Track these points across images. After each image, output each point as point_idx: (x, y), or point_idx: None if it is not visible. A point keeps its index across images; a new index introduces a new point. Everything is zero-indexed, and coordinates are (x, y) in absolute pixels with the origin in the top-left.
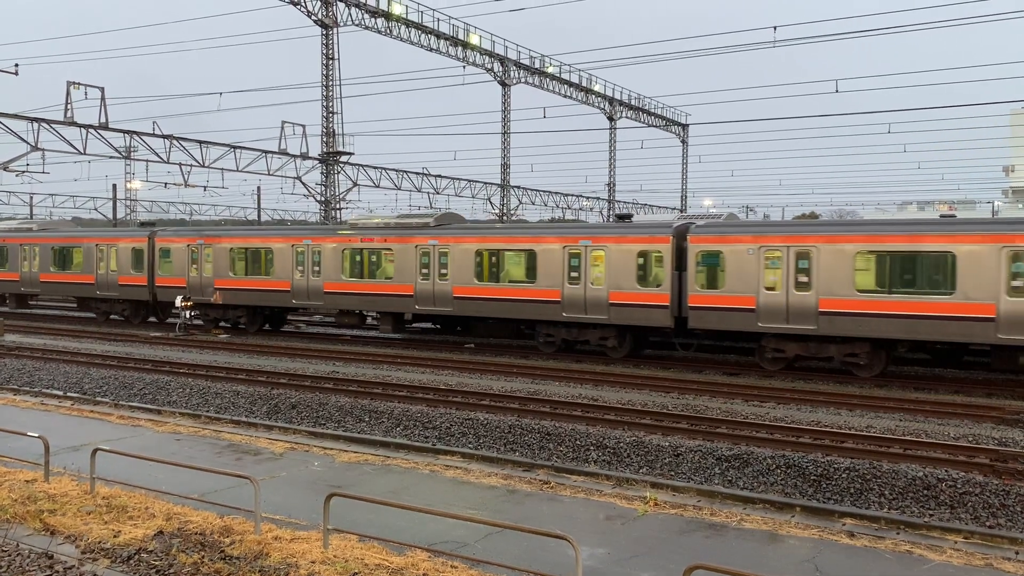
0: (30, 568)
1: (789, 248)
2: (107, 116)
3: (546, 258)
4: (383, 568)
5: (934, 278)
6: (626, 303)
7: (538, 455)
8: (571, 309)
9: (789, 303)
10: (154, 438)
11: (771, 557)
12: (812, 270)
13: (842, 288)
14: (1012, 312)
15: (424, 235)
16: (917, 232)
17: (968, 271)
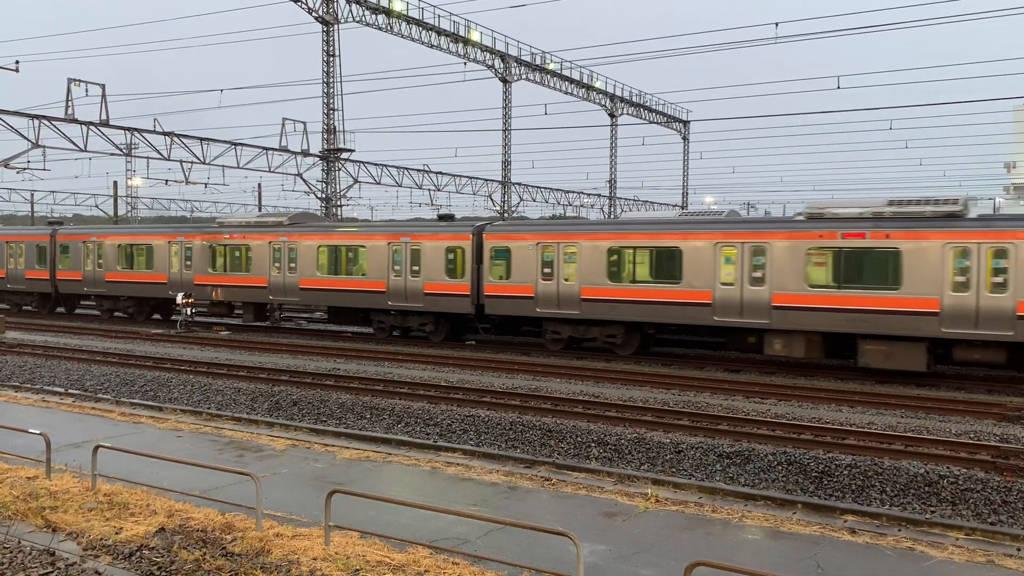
0: (32, 565)
1: (559, 245)
2: (108, 113)
3: (375, 253)
4: (384, 565)
5: (669, 270)
6: (438, 293)
7: (539, 452)
8: (395, 298)
9: (559, 291)
10: (155, 435)
11: (773, 554)
12: (577, 263)
13: (598, 278)
14: (724, 299)
15: (277, 232)
16: (655, 231)
17: (691, 264)
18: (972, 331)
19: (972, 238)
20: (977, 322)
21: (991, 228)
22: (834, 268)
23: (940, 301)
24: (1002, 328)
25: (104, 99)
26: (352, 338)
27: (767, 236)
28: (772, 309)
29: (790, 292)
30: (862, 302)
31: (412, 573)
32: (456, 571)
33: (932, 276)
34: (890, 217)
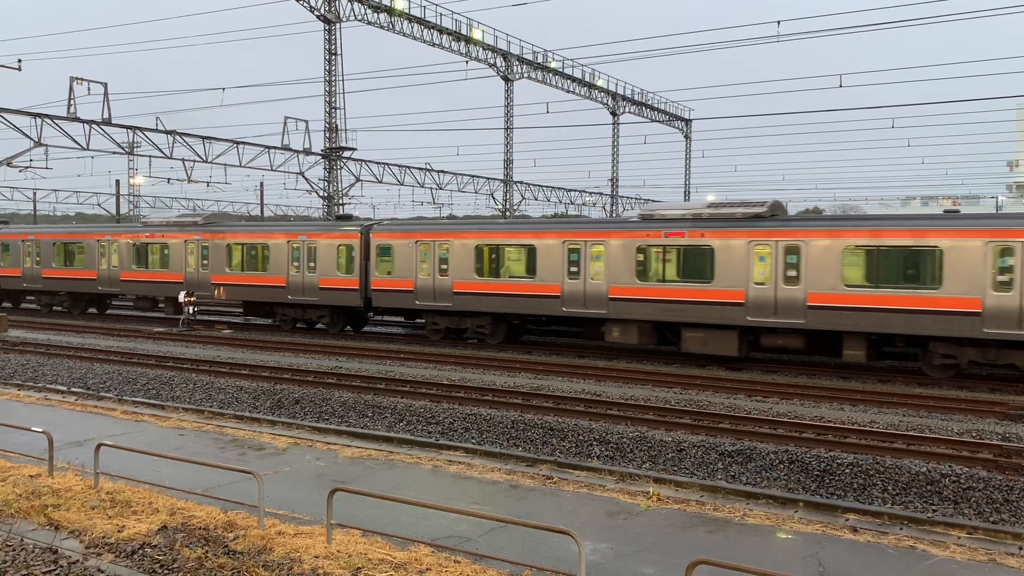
0: (35, 563)
1: (435, 243)
2: (110, 112)
3: (277, 251)
4: (386, 563)
5: (527, 265)
6: (332, 287)
7: (541, 450)
8: (295, 292)
9: (435, 285)
10: (158, 433)
11: (774, 552)
12: (449, 260)
13: (468, 274)
14: (570, 292)
15: (192, 232)
16: (514, 230)
17: (544, 260)
18: (772, 319)
19: (770, 237)
20: (776, 311)
21: (786, 228)
22: (661, 264)
23: (745, 293)
24: (796, 317)
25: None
26: (354, 336)
27: (605, 235)
28: (609, 300)
29: (623, 285)
30: (683, 294)
31: (414, 571)
32: (458, 569)
33: (739, 271)
34: (707, 218)
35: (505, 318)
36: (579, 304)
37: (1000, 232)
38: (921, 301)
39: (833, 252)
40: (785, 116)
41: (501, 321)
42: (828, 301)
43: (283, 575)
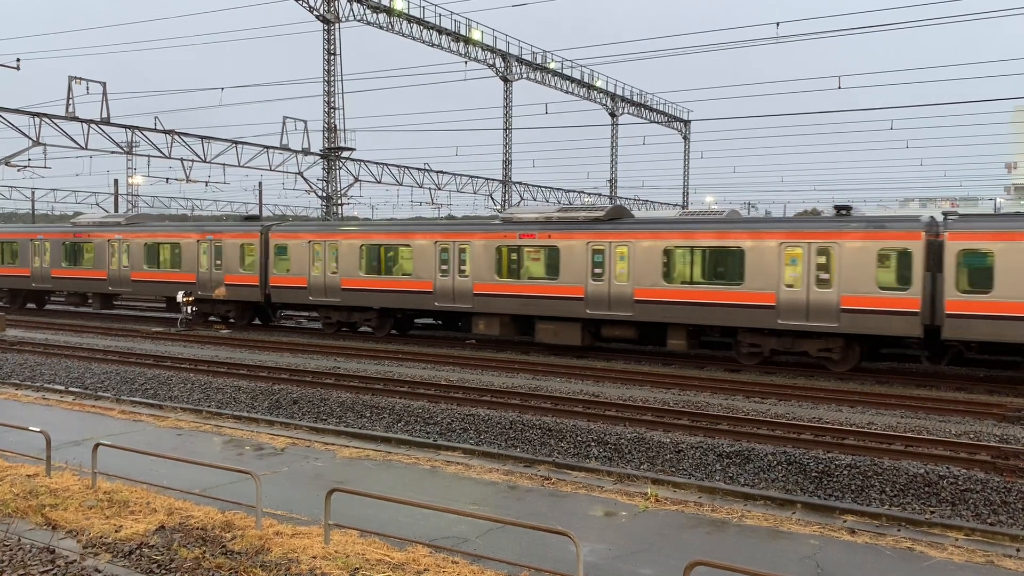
0: (32, 563)
1: (325, 243)
2: (109, 111)
3: (187, 250)
4: (384, 563)
5: (404, 264)
6: (236, 284)
7: (539, 451)
8: (204, 288)
9: (326, 282)
10: (156, 433)
11: (772, 553)
12: (339, 259)
13: (354, 271)
14: (441, 288)
15: (115, 231)
16: (391, 231)
17: (419, 259)
18: (607, 313)
19: (604, 238)
20: (609, 306)
21: (618, 231)
22: (516, 262)
23: (584, 289)
24: (626, 310)
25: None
26: (353, 336)
27: (470, 236)
28: (474, 296)
29: (486, 282)
30: (535, 290)
31: (411, 572)
32: (455, 570)
33: (580, 269)
34: (556, 221)
35: (389, 312)
36: (449, 299)
37: (791, 234)
38: (730, 296)
39: (656, 251)
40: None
41: (386, 315)
42: (652, 296)
43: (281, 575)
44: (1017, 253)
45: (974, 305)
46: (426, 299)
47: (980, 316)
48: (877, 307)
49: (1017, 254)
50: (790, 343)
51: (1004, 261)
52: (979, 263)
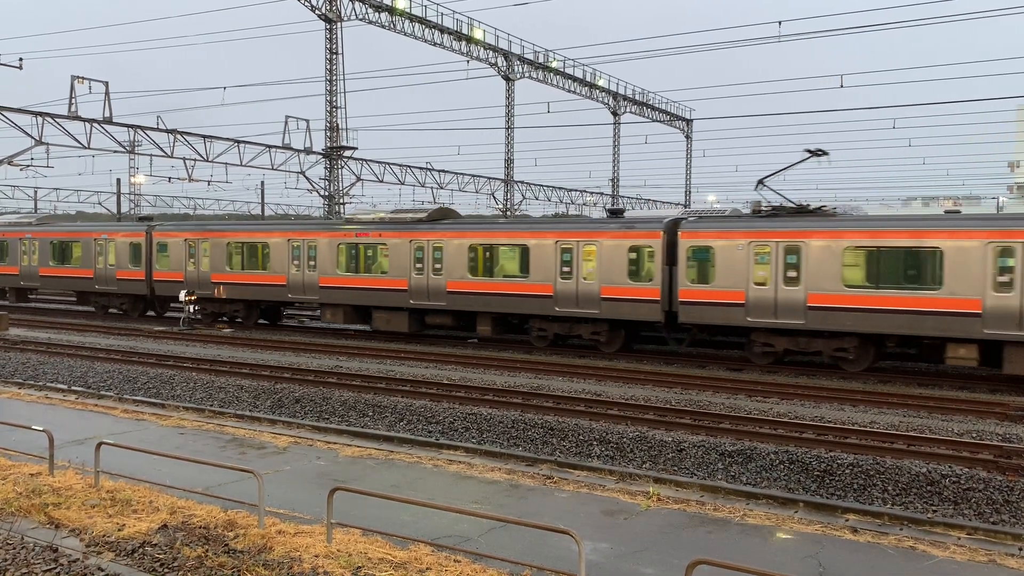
0: (35, 561)
1: (199, 241)
2: (111, 110)
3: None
4: (386, 562)
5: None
6: (127, 279)
7: (541, 450)
8: (100, 283)
9: (199, 277)
10: (158, 432)
11: (774, 552)
12: (209, 255)
13: (221, 266)
14: (293, 281)
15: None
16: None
17: (275, 256)
18: (426, 303)
19: (423, 237)
20: (428, 296)
21: (433, 231)
22: (354, 258)
23: (408, 282)
24: (441, 300)
25: (107, 96)
26: (354, 336)
27: (315, 235)
28: (320, 288)
29: (330, 276)
30: (370, 283)
31: (414, 571)
32: (458, 569)
33: (404, 264)
34: (388, 221)
35: (256, 304)
36: (300, 292)
37: (564, 234)
38: (520, 287)
39: (463, 248)
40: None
41: (252, 307)
42: (462, 287)
43: (283, 574)
44: (731, 250)
45: (700, 293)
46: (282, 292)
47: (704, 303)
48: (629, 296)
49: (731, 250)
50: (568, 328)
51: (721, 256)
52: (703, 258)
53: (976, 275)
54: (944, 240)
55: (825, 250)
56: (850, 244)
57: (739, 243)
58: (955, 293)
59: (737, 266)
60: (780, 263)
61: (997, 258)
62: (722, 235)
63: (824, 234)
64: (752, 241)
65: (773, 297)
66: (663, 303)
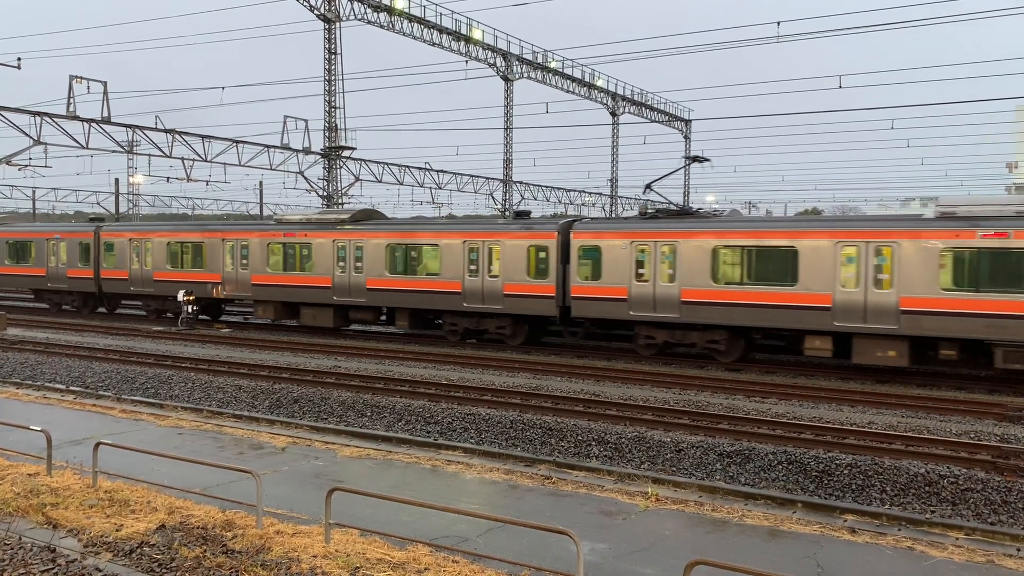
0: (32, 562)
1: (143, 241)
2: (109, 110)
3: (38, 247)
4: (384, 562)
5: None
6: (77, 276)
7: (540, 450)
8: (53, 281)
9: (142, 275)
10: (156, 432)
11: (772, 553)
12: (152, 254)
13: (163, 264)
14: (227, 278)
15: None
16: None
17: (209, 254)
18: (348, 299)
19: (345, 236)
20: (351, 292)
21: (355, 231)
22: (283, 257)
23: (332, 279)
24: (362, 296)
25: (106, 96)
26: (353, 336)
27: (248, 235)
28: (252, 286)
29: (261, 274)
30: (298, 280)
31: (412, 571)
32: (456, 569)
33: (327, 262)
34: (314, 222)
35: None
36: (234, 288)
37: (471, 235)
38: (435, 284)
39: (381, 247)
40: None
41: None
42: (380, 284)
43: (281, 574)
44: (616, 249)
45: (589, 289)
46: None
47: (593, 298)
48: (529, 292)
49: (616, 250)
50: (476, 322)
51: (608, 255)
52: (593, 257)
53: (826, 272)
54: (800, 240)
55: (697, 249)
56: (718, 244)
57: (623, 243)
58: (809, 289)
59: (621, 264)
60: (658, 262)
61: (843, 257)
62: (608, 235)
63: (696, 235)
64: (634, 241)
65: (652, 293)
66: (558, 299)
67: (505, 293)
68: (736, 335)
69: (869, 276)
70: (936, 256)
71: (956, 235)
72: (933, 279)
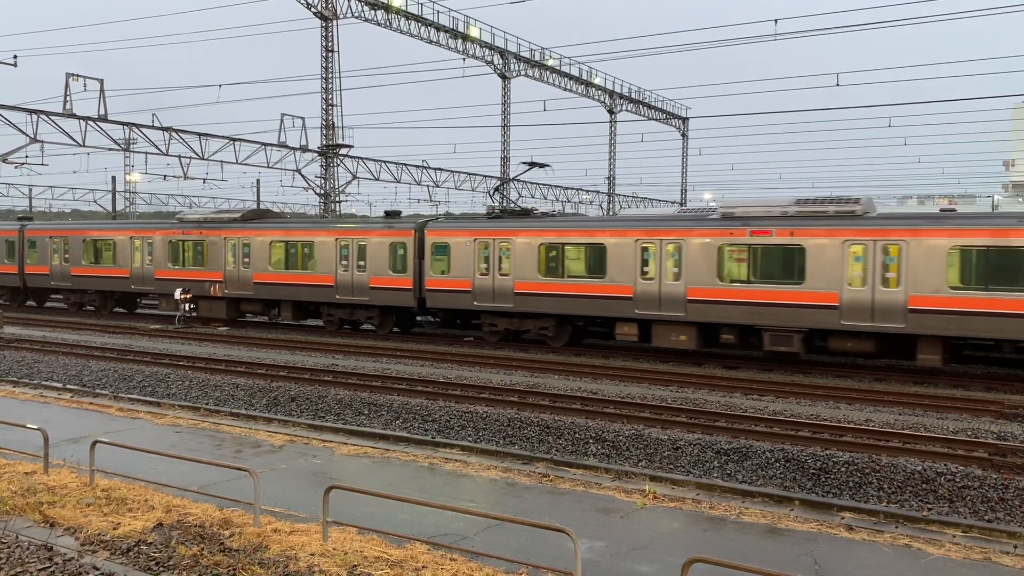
0: (29, 560)
1: (61, 239)
2: (106, 108)
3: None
4: (382, 560)
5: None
6: (3, 272)
7: (537, 448)
8: None
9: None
10: (153, 430)
11: (770, 550)
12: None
13: (79, 260)
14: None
15: None
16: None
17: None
18: (239, 292)
19: (236, 234)
20: (240, 286)
21: (243, 229)
22: (181, 253)
23: (223, 274)
24: (248, 290)
25: (102, 94)
26: (351, 334)
27: (152, 233)
28: (156, 280)
29: (163, 269)
30: (194, 275)
31: (410, 569)
32: (454, 567)
33: (219, 258)
34: (210, 220)
35: (108, 294)
36: (140, 283)
37: (343, 232)
38: (309, 278)
39: (265, 245)
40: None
41: (106, 297)
42: (265, 279)
43: (279, 573)
44: (462, 246)
45: (441, 282)
46: (126, 283)
47: (444, 290)
48: (391, 285)
49: (462, 246)
50: (348, 313)
51: (456, 251)
52: (443, 253)
53: (628, 266)
54: (607, 238)
55: (526, 246)
56: (543, 241)
57: (467, 240)
58: (615, 281)
59: (466, 260)
60: (496, 257)
61: (642, 253)
62: (456, 233)
63: (527, 233)
64: (476, 239)
65: (492, 285)
66: (415, 291)
67: (371, 286)
68: (562, 323)
69: (667, 270)
70: (716, 251)
71: (731, 233)
72: (713, 272)
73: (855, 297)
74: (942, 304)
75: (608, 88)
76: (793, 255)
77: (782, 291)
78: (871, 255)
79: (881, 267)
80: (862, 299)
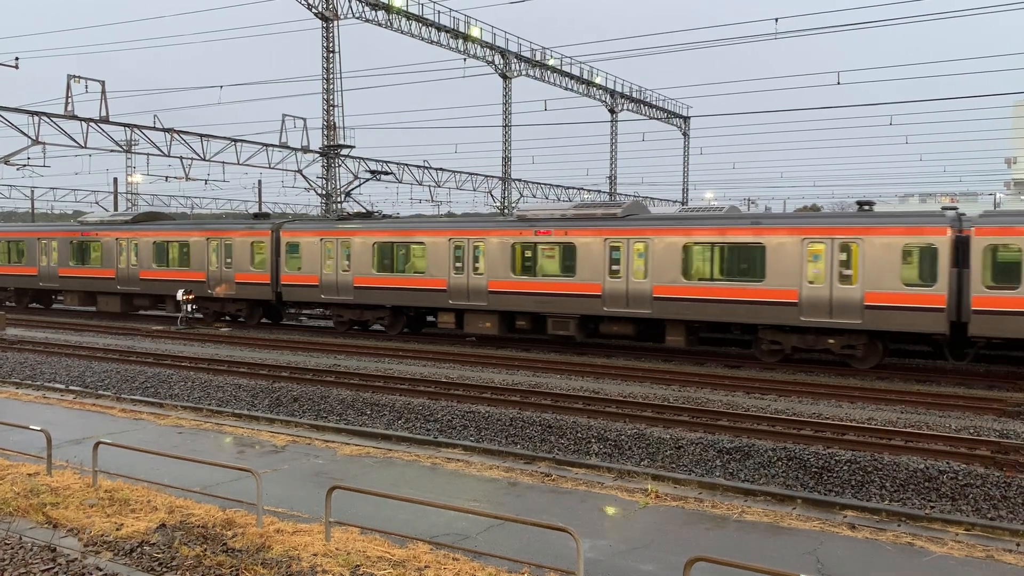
0: (33, 561)
1: (38, 240)
2: (108, 110)
3: None
4: (385, 560)
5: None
6: None
7: (539, 448)
8: None
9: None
10: (156, 431)
11: (772, 549)
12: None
13: (64, 263)
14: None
15: None
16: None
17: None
18: (129, 287)
19: (126, 235)
20: (129, 282)
21: (132, 230)
22: (80, 253)
23: (116, 271)
24: (136, 285)
25: (104, 95)
26: (353, 335)
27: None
28: (59, 277)
29: (65, 268)
30: (91, 273)
31: (412, 569)
32: (456, 567)
33: (113, 257)
34: (105, 222)
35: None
36: (47, 280)
37: (248, 233)
38: (250, 276)
39: (149, 244)
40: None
41: (21, 294)
42: (151, 276)
43: (282, 573)
44: (311, 245)
45: (293, 278)
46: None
47: (296, 285)
48: (253, 281)
49: (311, 246)
50: (222, 306)
51: (306, 250)
52: (295, 251)
53: (441, 262)
54: (426, 237)
55: (363, 245)
56: (377, 240)
57: (315, 240)
58: (432, 275)
59: (315, 257)
60: (339, 254)
61: (454, 250)
62: (306, 234)
63: (364, 233)
64: (323, 239)
65: (335, 280)
66: (273, 286)
67: (237, 281)
68: (396, 314)
69: (470, 265)
70: (510, 249)
71: (522, 233)
72: (508, 267)
73: (614, 287)
74: (680, 292)
75: (609, 87)
76: (567, 252)
77: (560, 283)
78: (625, 251)
79: (634, 261)
80: (619, 289)
